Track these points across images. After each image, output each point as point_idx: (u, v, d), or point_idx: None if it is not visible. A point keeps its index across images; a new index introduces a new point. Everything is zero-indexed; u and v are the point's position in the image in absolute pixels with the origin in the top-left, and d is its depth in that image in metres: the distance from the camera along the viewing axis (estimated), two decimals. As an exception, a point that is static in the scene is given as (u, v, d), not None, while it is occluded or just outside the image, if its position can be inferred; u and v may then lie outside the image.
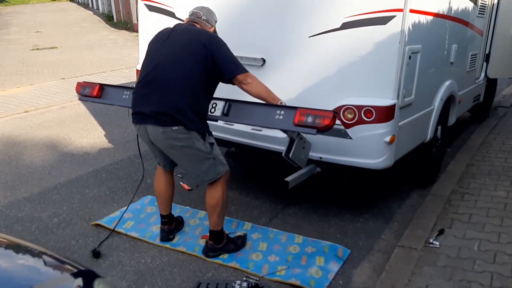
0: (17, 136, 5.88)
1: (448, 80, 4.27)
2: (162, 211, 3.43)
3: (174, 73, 2.87)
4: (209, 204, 3.15)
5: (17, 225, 3.69)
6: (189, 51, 2.90)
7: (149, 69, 2.95)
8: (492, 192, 4.07)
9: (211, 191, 3.12)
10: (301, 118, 2.80)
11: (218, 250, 3.25)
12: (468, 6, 4.40)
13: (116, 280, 3.02)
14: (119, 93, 3.62)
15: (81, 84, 3.83)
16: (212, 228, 3.22)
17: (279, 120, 2.91)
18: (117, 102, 3.64)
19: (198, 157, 2.97)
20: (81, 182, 4.51)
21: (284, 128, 2.98)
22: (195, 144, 2.92)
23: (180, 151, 2.96)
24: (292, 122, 2.83)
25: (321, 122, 2.76)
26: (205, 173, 3.04)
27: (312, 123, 2.77)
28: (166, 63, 2.90)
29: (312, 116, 2.78)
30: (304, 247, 3.38)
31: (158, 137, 2.93)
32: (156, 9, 4.06)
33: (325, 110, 2.83)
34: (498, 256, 3.08)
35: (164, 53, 2.94)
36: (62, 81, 9.37)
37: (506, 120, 6.66)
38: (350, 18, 3.19)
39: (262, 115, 3.00)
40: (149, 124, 2.91)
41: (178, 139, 2.89)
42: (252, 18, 3.60)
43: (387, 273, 2.96)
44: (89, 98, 3.77)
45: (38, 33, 18.37)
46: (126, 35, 17.88)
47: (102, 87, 3.72)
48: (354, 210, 4.00)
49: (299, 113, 2.82)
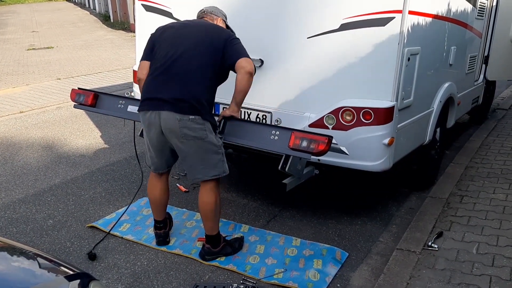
0: (12, 137, 5.83)
1: (447, 82, 4.26)
2: (157, 216, 3.35)
3: (194, 63, 2.89)
4: (204, 210, 3.10)
5: (11, 227, 3.65)
6: (208, 41, 2.94)
7: (167, 58, 2.93)
8: (491, 195, 4.06)
9: (204, 197, 3.07)
10: (296, 142, 2.86)
11: (215, 254, 3.20)
12: (467, 8, 4.39)
13: (112, 283, 2.98)
14: (114, 102, 3.61)
15: (75, 91, 3.81)
16: (208, 233, 3.18)
17: (274, 140, 2.97)
18: (112, 112, 3.65)
19: (209, 150, 2.95)
20: (76, 184, 4.48)
21: (279, 152, 3.02)
22: (208, 136, 2.90)
23: (191, 142, 2.89)
24: (287, 145, 2.89)
25: (316, 147, 2.81)
26: (213, 167, 3.00)
27: (307, 148, 2.83)
28: (185, 54, 2.91)
29: (307, 140, 2.83)
30: (302, 250, 3.36)
31: (172, 125, 2.85)
32: (153, 9, 4.04)
33: (320, 134, 2.87)
34: (496, 259, 3.07)
35: (183, 41, 2.96)
36: (58, 81, 9.32)
37: (505, 123, 6.66)
38: (348, 19, 3.17)
39: (257, 135, 3.05)
40: (166, 111, 2.85)
41: (193, 129, 2.84)
42: (250, 19, 3.57)
43: (386, 276, 2.94)
44: (84, 107, 3.77)
45: (34, 32, 18.30)
46: (123, 35, 17.83)
47: (97, 95, 3.70)
48: (353, 212, 3.98)
49: (294, 136, 2.88)
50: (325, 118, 3.32)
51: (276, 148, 2.98)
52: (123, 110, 3.59)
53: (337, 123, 3.28)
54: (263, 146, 3.06)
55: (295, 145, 2.87)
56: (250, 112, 3.68)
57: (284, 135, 2.94)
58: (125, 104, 3.62)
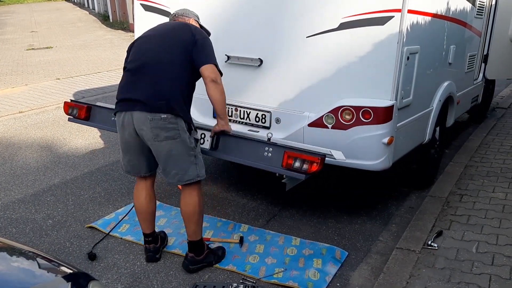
0: (11, 137, 5.83)
1: (447, 81, 4.25)
2: (145, 229, 3.18)
3: (164, 58, 2.85)
4: (186, 212, 2.99)
5: (11, 227, 3.64)
6: (177, 38, 2.92)
7: (137, 58, 2.91)
8: (490, 194, 4.05)
9: (186, 198, 2.98)
10: (289, 162, 2.85)
11: (199, 263, 3.08)
12: (466, 6, 4.39)
13: (111, 283, 2.98)
14: (108, 115, 3.61)
15: (68, 104, 3.79)
16: (191, 239, 3.05)
17: (267, 157, 2.98)
18: (107, 126, 3.63)
19: (181, 153, 2.84)
20: (76, 184, 4.47)
21: (273, 171, 3.03)
22: (181, 136, 2.81)
23: (163, 143, 2.80)
24: (281, 164, 2.90)
25: (309, 168, 2.81)
26: (185, 172, 2.89)
27: (300, 168, 2.83)
28: (155, 51, 2.89)
29: (299, 160, 2.83)
30: (302, 249, 3.36)
31: (144, 125, 2.78)
32: (152, 9, 4.03)
33: (313, 152, 2.86)
34: (496, 258, 3.07)
35: (152, 42, 2.94)
36: (57, 81, 9.31)
37: (504, 121, 6.65)
38: (348, 18, 3.17)
39: (251, 151, 3.05)
40: (137, 111, 2.79)
41: (165, 129, 2.77)
42: (249, 18, 3.57)
43: (385, 275, 2.94)
44: (78, 120, 3.75)
45: (33, 33, 18.29)
46: (122, 35, 17.82)
47: (90, 108, 3.68)
48: (352, 212, 3.98)
49: (287, 155, 2.87)
50: (324, 117, 3.32)
51: (269, 166, 2.98)
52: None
53: (337, 122, 3.28)
54: (257, 164, 3.05)
55: (288, 165, 2.86)
56: (250, 111, 3.68)
57: (277, 153, 2.94)
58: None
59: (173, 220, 3.76)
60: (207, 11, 3.67)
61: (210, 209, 3.93)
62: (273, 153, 2.96)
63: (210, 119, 3.74)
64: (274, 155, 2.96)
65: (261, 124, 3.66)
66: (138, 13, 4.20)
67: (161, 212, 3.83)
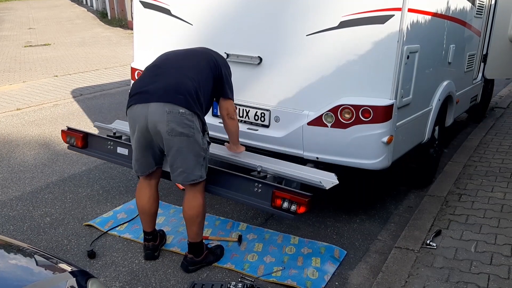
0: (9, 134, 5.81)
1: (446, 80, 4.25)
2: (146, 228, 3.18)
3: (187, 63, 2.93)
4: (189, 215, 2.96)
5: (8, 224, 3.63)
6: (202, 56, 3.04)
7: (158, 60, 3.00)
8: (489, 193, 4.06)
9: (191, 201, 2.95)
10: (277, 202, 2.86)
11: (198, 263, 3.08)
12: (466, 6, 4.39)
13: (110, 281, 2.97)
14: (104, 143, 3.66)
15: (66, 132, 3.85)
16: (192, 240, 3.03)
17: (257, 193, 2.98)
18: (105, 155, 3.68)
19: (192, 150, 2.80)
20: (73, 181, 4.46)
21: (263, 210, 3.06)
22: (195, 135, 2.78)
23: (176, 139, 2.74)
24: (270, 203, 2.90)
25: (297, 209, 2.80)
26: (191, 171, 2.84)
27: (288, 209, 2.83)
28: (179, 57, 2.98)
29: (288, 201, 2.82)
30: (300, 248, 3.35)
31: (160, 117, 2.70)
32: (151, 6, 4.01)
33: (301, 193, 2.83)
34: (495, 257, 3.07)
35: (177, 52, 3.05)
36: (55, 78, 9.28)
37: (503, 121, 6.67)
38: (348, 16, 3.16)
39: (241, 186, 3.06)
40: (154, 102, 2.72)
41: (181, 125, 2.71)
42: (249, 16, 3.55)
43: (384, 274, 2.94)
44: (77, 149, 3.81)
45: (31, 29, 18.24)
46: (120, 32, 17.79)
47: (86, 136, 3.74)
48: (351, 211, 3.98)
49: (275, 195, 2.87)
50: (324, 116, 3.31)
51: (259, 203, 2.97)
52: (113, 151, 3.63)
53: (336, 121, 3.27)
54: (248, 199, 3.03)
55: (277, 205, 2.86)
56: (249, 110, 3.67)
57: (266, 190, 2.94)
58: (114, 145, 3.64)
59: (171, 218, 3.75)
60: (207, 9, 3.66)
61: (209, 208, 3.92)
62: (262, 188, 2.97)
63: (209, 117, 3.72)
64: (263, 191, 2.96)
65: (260, 123, 3.64)
66: (137, 10, 4.18)
67: (159, 210, 3.80)
